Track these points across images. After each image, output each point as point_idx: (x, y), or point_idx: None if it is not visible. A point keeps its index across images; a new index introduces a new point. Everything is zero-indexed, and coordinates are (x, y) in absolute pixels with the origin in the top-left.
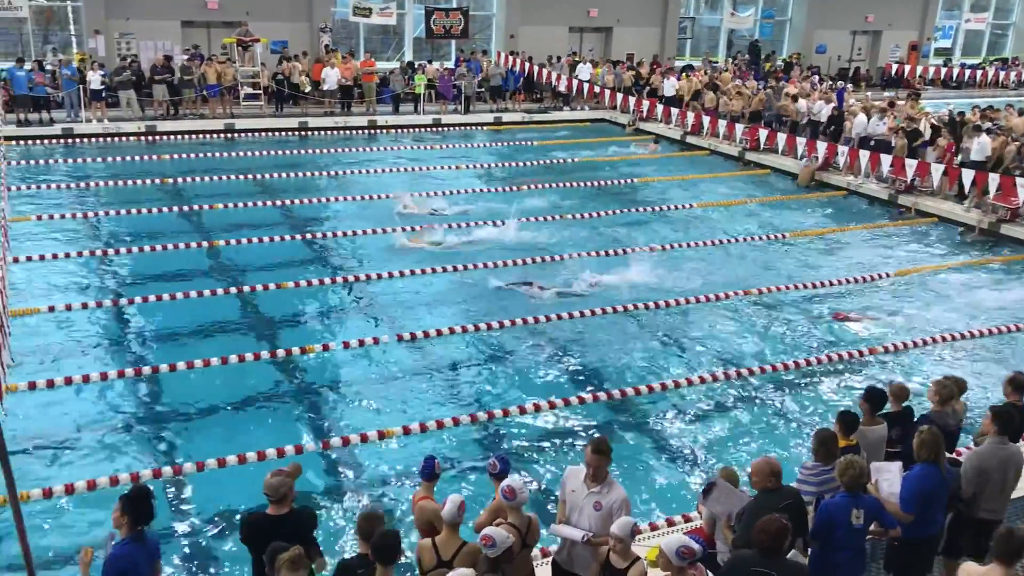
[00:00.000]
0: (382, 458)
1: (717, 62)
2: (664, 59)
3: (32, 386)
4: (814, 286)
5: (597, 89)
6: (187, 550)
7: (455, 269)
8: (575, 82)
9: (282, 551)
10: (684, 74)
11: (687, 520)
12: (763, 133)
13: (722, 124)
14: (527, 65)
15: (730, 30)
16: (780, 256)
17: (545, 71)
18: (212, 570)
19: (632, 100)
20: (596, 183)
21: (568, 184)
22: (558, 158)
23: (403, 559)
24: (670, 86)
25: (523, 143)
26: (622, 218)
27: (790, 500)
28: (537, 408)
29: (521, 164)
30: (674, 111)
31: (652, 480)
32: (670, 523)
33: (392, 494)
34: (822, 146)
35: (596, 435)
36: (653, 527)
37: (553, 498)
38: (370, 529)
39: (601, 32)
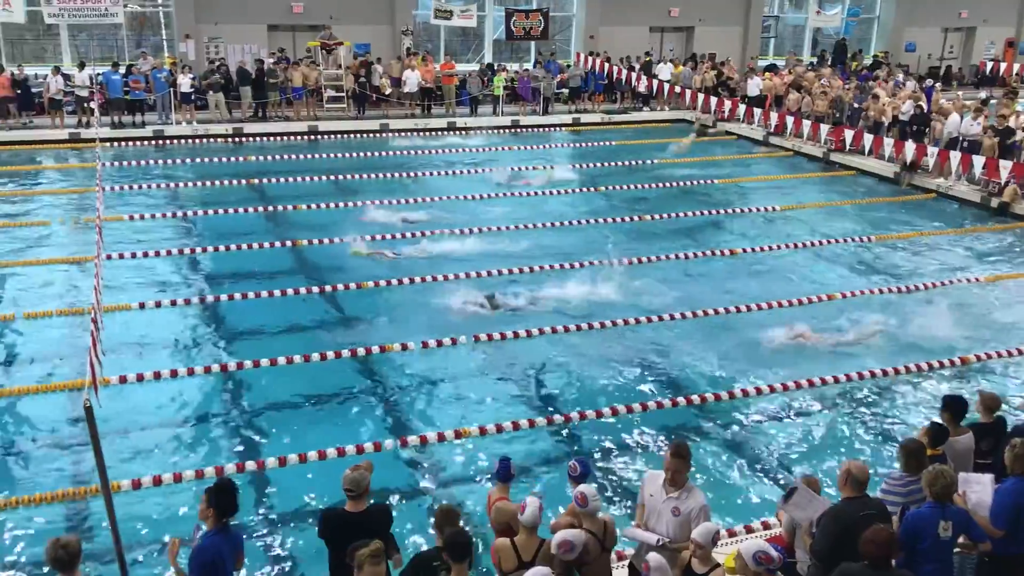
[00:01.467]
0: (457, 457)
1: (802, 60)
2: (747, 59)
3: (123, 380)
4: (899, 291)
5: (678, 89)
6: (268, 543)
7: (531, 271)
8: (655, 82)
9: (363, 548)
10: (767, 73)
11: (766, 527)
12: (848, 134)
13: (806, 124)
14: (607, 66)
15: (815, 28)
16: (866, 260)
17: (624, 72)
18: (291, 564)
19: (714, 100)
20: (675, 184)
21: (646, 185)
22: (636, 159)
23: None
24: (755, 86)
25: (601, 144)
26: (702, 220)
27: (872, 511)
28: (615, 412)
29: (599, 165)
30: (756, 111)
31: (731, 486)
32: (748, 530)
33: (467, 493)
34: (911, 147)
35: (676, 439)
36: (731, 533)
37: (631, 502)
38: (446, 522)
39: (682, 32)
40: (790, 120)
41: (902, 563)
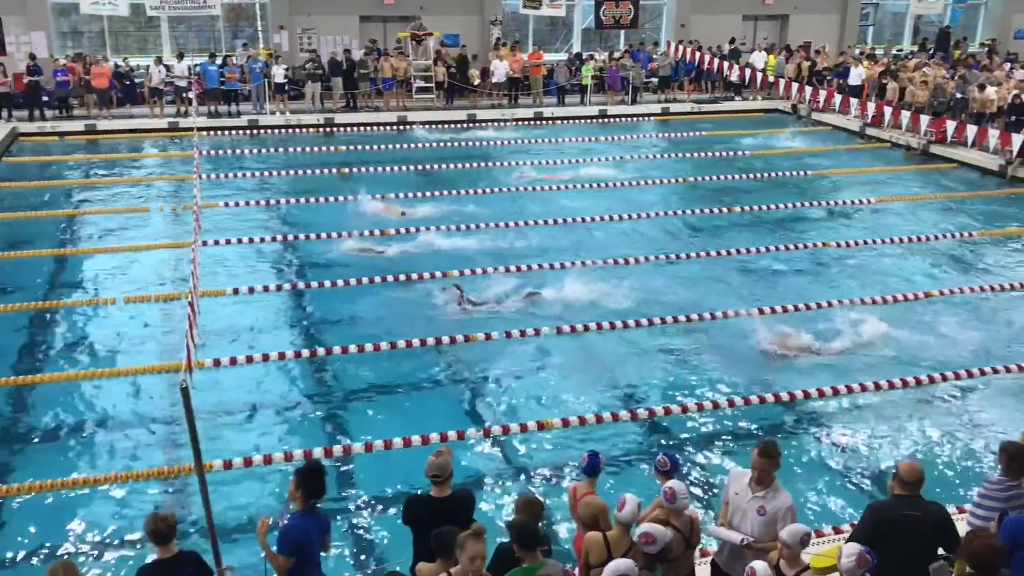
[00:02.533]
0: (539, 448)
1: (903, 50)
2: (844, 47)
3: (216, 363)
4: (1001, 288)
5: (771, 78)
6: (353, 526)
7: (615, 263)
8: (747, 71)
9: (448, 534)
10: (867, 62)
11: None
12: (951, 125)
13: (905, 115)
14: (698, 54)
15: (916, 16)
16: (967, 255)
17: (716, 60)
18: (376, 548)
19: (808, 90)
20: (766, 175)
21: (736, 176)
22: (726, 149)
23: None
24: (857, 75)
25: (691, 134)
26: (791, 212)
27: (917, 512)
28: (700, 407)
29: (688, 155)
30: (853, 101)
31: (820, 486)
32: (837, 531)
33: (547, 484)
34: (1018, 138)
35: (764, 437)
36: (819, 534)
37: (714, 499)
38: (527, 512)
39: (776, 20)
40: (887, 111)
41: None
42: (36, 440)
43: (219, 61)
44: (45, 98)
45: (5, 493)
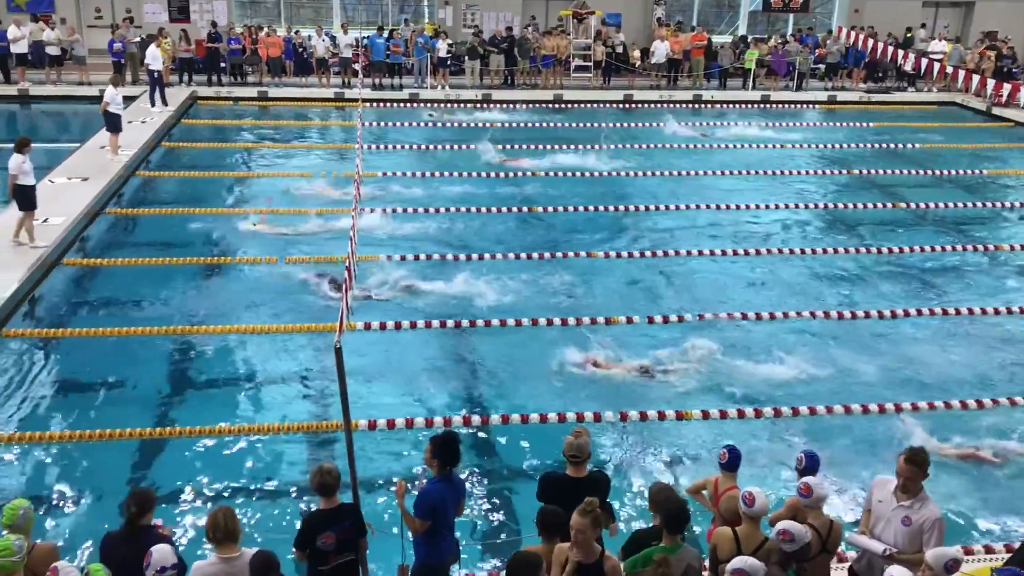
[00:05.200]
0: (675, 439)
1: None
2: None
3: (367, 326)
4: None
5: (949, 69)
6: (487, 495)
7: (770, 252)
8: (923, 61)
9: (552, 514)
10: None
11: (1009, 551)
12: None
13: None
14: (871, 42)
15: None
16: None
17: (891, 48)
18: (508, 520)
19: (991, 83)
20: (936, 172)
21: (906, 171)
22: (896, 142)
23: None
24: None
25: (858, 124)
26: (961, 212)
27: None
28: (847, 410)
29: (853, 146)
30: None
31: (970, 500)
32: (988, 550)
33: (680, 474)
34: None
35: (912, 445)
36: (968, 551)
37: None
38: (663, 499)
39: (960, 7)
40: None
41: None
42: (196, 388)
43: (386, 34)
44: (223, 64)
45: (169, 435)
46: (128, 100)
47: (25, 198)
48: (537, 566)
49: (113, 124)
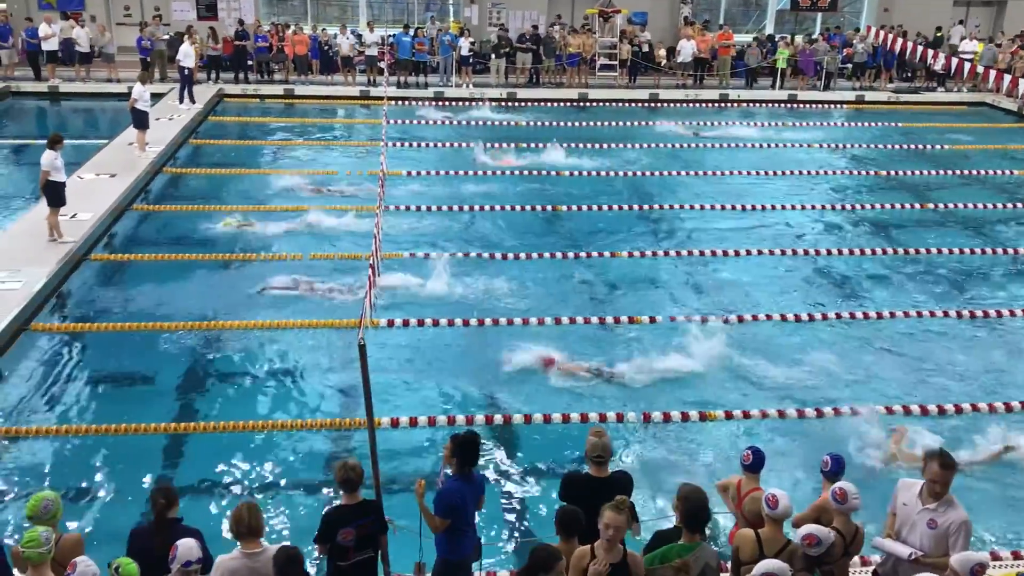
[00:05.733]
0: (696, 439)
1: None
2: None
3: (391, 323)
4: None
5: (980, 69)
6: (507, 494)
7: (795, 253)
8: (953, 60)
9: (571, 512)
10: None
11: None
12: None
13: None
14: (900, 41)
15: None
16: None
17: (920, 48)
18: (528, 518)
19: (1022, 83)
20: (966, 172)
21: (934, 172)
22: (925, 143)
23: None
24: None
25: (887, 124)
26: (990, 213)
27: None
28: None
29: (881, 147)
30: None
31: (997, 504)
32: (1016, 556)
33: (703, 476)
34: None
35: (940, 448)
36: (995, 557)
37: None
38: (683, 496)
39: (992, 6)
40: None
41: None
42: (221, 383)
43: (411, 33)
44: (249, 62)
45: (193, 430)
46: (155, 97)
47: (55, 194)
48: (559, 558)
49: (141, 121)
